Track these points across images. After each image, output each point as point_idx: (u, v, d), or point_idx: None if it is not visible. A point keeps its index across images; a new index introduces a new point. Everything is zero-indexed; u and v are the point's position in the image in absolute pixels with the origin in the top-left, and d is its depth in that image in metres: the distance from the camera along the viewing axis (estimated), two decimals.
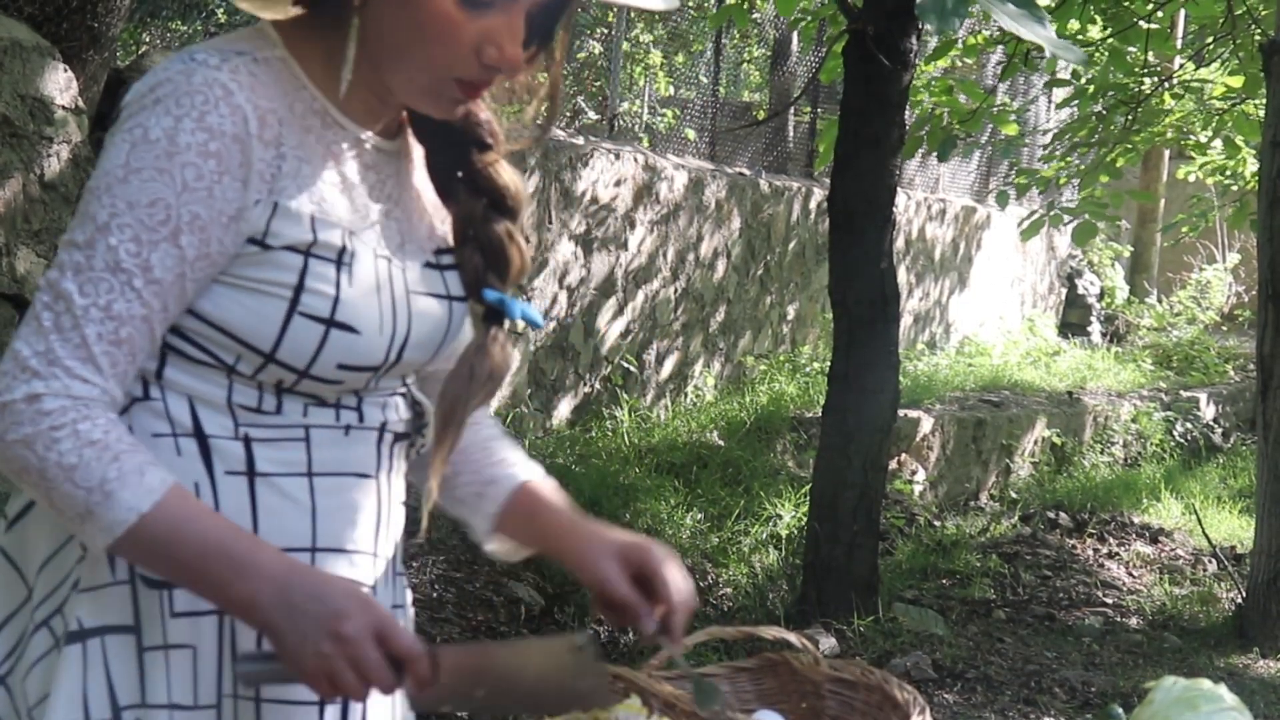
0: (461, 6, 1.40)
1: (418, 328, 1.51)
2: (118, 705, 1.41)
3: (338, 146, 1.47)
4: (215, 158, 1.37)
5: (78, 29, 4.67)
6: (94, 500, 1.33)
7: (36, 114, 4.56)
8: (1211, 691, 1.72)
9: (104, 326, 1.35)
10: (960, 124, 7.10)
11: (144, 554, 1.37)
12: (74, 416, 1.34)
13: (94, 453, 1.34)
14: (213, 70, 1.38)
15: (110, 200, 1.36)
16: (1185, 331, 13.08)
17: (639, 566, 1.57)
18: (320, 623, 1.35)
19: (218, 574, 1.36)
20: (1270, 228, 5.98)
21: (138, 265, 1.36)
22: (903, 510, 7.57)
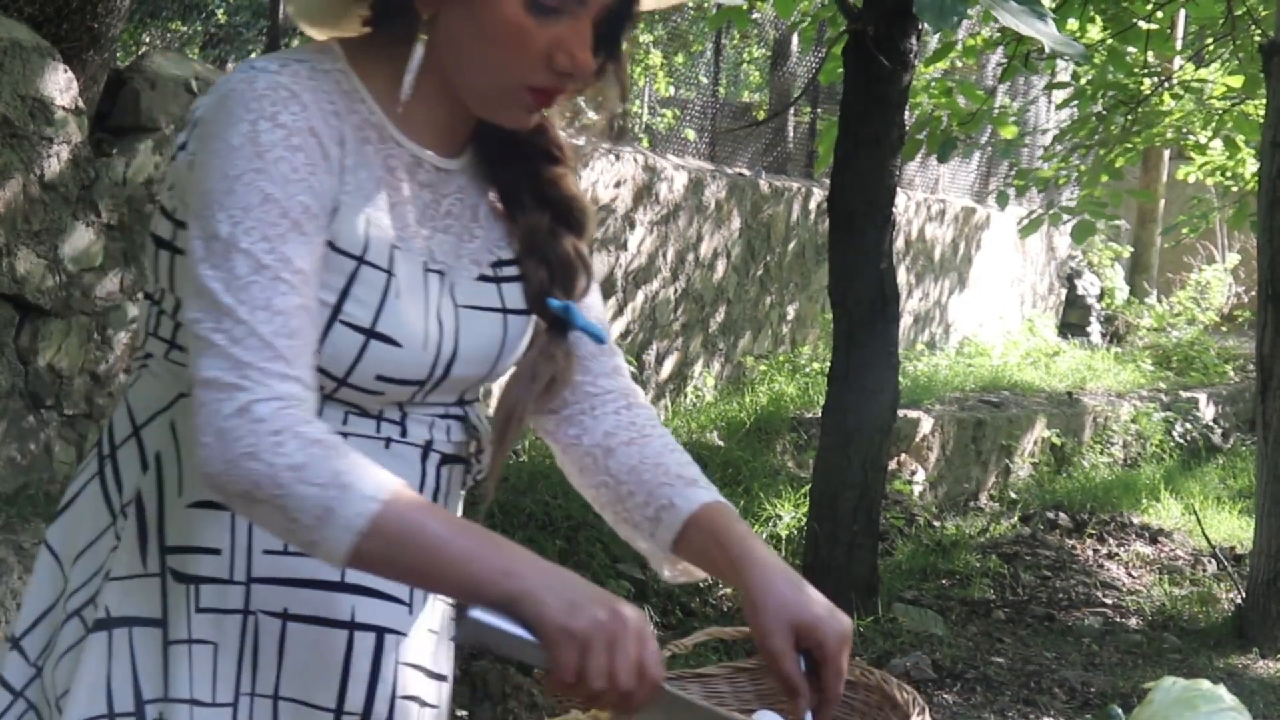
0: (530, 14, 1.40)
1: (467, 343, 1.49)
2: (141, 698, 1.41)
3: (393, 162, 1.47)
4: (301, 151, 1.37)
5: (78, 29, 4.67)
6: (331, 495, 1.29)
7: (37, 114, 4.56)
8: (1211, 692, 1.72)
9: (274, 324, 1.33)
10: (960, 126, 7.11)
11: (385, 545, 1.31)
12: (289, 420, 1.31)
13: (320, 450, 1.30)
14: (274, 75, 1.39)
15: (225, 214, 1.34)
16: (1185, 332, 13.09)
17: (814, 647, 1.49)
18: (598, 597, 1.32)
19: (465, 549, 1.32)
20: (1270, 228, 5.98)
21: (277, 260, 1.34)
22: (902, 510, 7.57)
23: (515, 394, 1.52)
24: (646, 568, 6.23)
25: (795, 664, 1.47)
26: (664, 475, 1.59)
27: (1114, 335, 13.48)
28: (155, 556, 1.43)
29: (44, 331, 4.71)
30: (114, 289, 4.95)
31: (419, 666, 1.53)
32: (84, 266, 4.81)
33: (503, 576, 1.31)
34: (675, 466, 1.60)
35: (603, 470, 1.62)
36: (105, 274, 4.90)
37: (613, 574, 5.64)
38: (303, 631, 1.45)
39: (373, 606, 1.47)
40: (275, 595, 1.44)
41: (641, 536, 1.60)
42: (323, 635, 1.46)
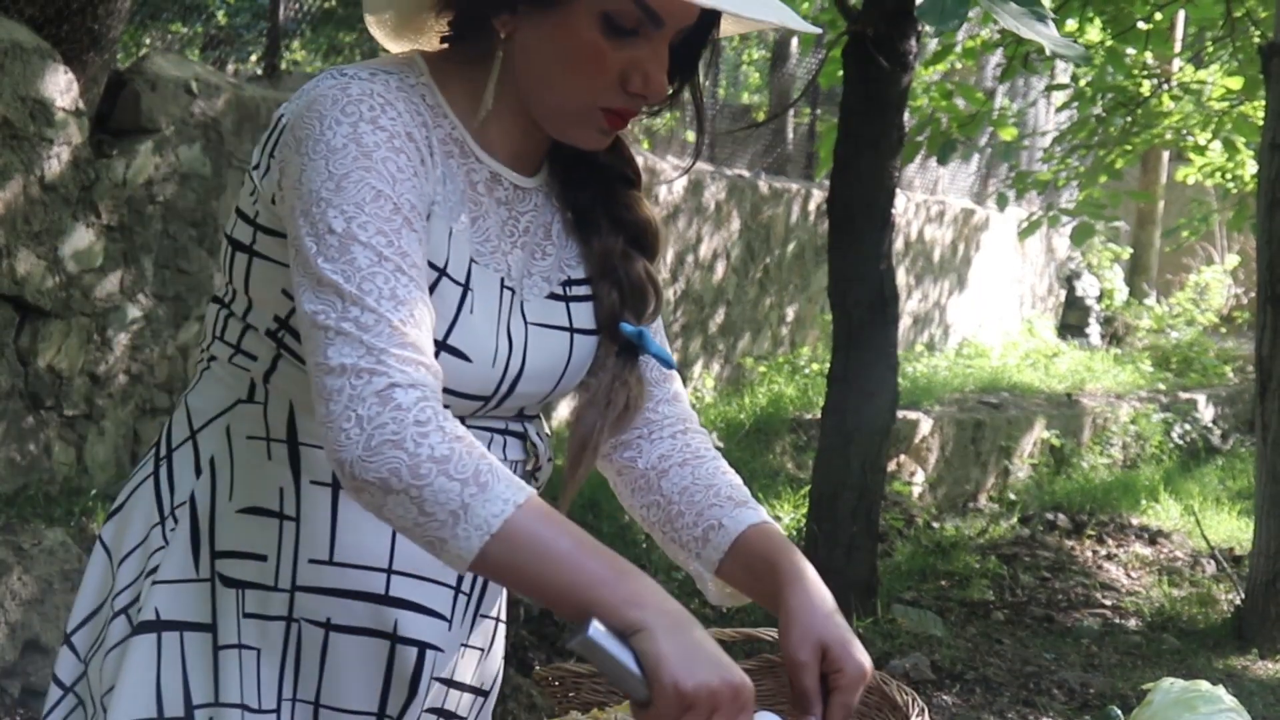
0: (607, 36, 1.40)
1: (534, 360, 1.49)
2: (191, 702, 1.41)
3: (475, 177, 1.47)
4: (403, 153, 1.37)
5: (78, 31, 4.68)
6: (469, 492, 1.26)
7: (37, 116, 4.56)
8: (1210, 693, 1.70)
9: (401, 312, 1.30)
10: (959, 128, 7.11)
11: (511, 551, 1.27)
12: (433, 411, 1.28)
13: (463, 446, 1.28)
14: (366, 82, 1.39)
15: (338, 211, 1.32)
16: (1184, 333, 13.09)
17: (835, 670, 1.49)
18: (718, 664, 1.28)
19: (595, 569, 1.28)
20: (1269, 230, 5.98)
21: (395, 253, 1.32)
22: (901, 512, 7.58)
23: (590, 420, 1.52)
24: (646, 568, 6.25)
25: (815, 680, 1.48)
26: (714, 496, 1.59)
27: (1113, 336, 13.48)
28: (206, 561, 1.43)
29: (44, 332, 4.71)
30: (114, 290, 4.95)
31: (459, 683, 1.54)
32: (84, 267, 4.81)
33: (627, 606, 1.28)
34: (726, 489, 1.60)
35: (655, 491, 1.62)
36: (105, 275, 4.90)
37: None
38: (345, 642, 1.45)
39: (416, 621, 1.47)
40: (319, 604, 1.44)
41: (690, 557, 1.60)
42: (365, 646, 1.46)
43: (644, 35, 1.41)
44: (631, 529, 6.11)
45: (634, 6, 1.39)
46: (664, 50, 1.43)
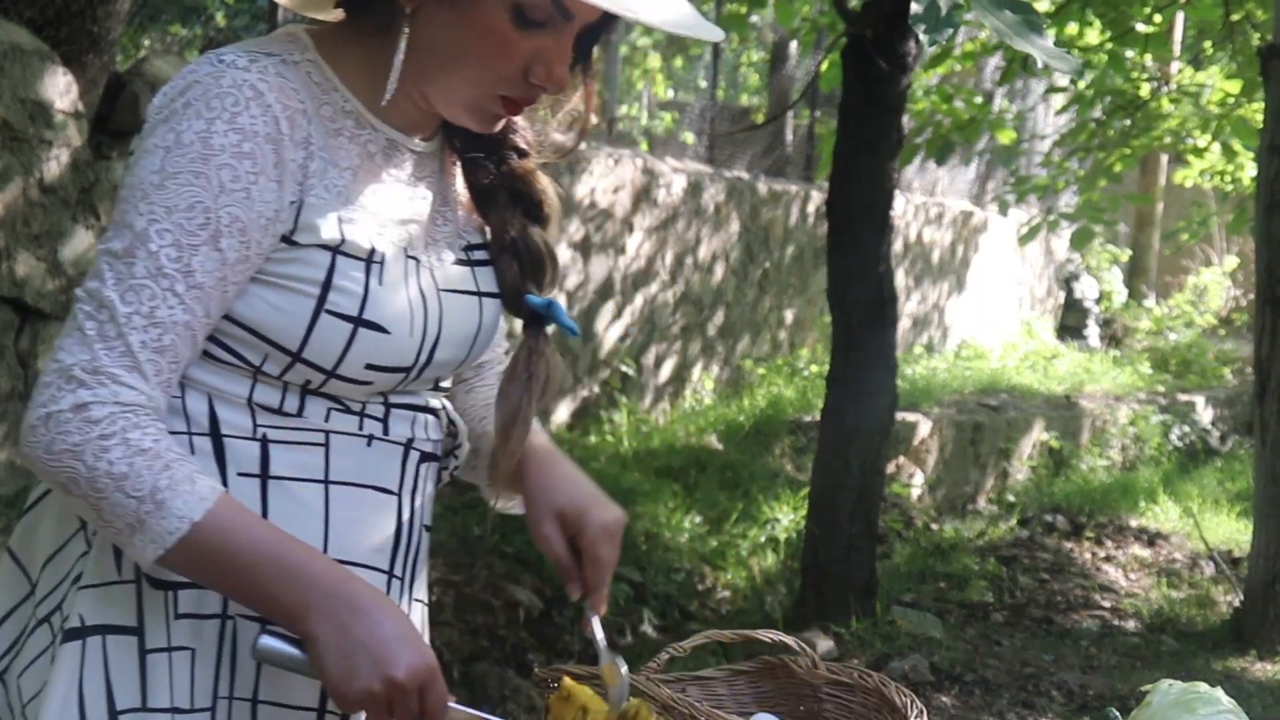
0: (516, 26, 1.42)
1: (449, 326, 1.50)
2: (115, 708, 1.40)
3: (372, 147, 1.48)
4: (250, 159, 1.37)
5: (78, 33, 4.68)
6: (145, 510, 1.32)
7: (36, 118, 4.57)
8: (1209, 694, 1.71)
9: (148, 334, 1.34)
10: (958, 131, 7.12)
11: (194, 563, 1.35)
12: (123, 425, 1.33)
13: (145, 461, 1.32)
14: (241, 72, 1.39)
15: (148, 207, 1.35)
16: (1183, 335, 13.10)
17: (578, 535, 1.58)
18: (376, 662, 1.35)
19: (268, 582, 1.36)
20: (1268, 232, 5.98)
21: (179, 270, 1.35)
22: (901, 513, 7.58)
23: (515, 394, 1.54)
24: (646, 569, 6.26)
25: (564, 549, 1.57)
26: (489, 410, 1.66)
27: (1112, 338, 13.48)
28: (130, 563, 1.41)
29: (44, 334, 4.71)
30: None
31: None
32: (84, 269, 4.80)
33: (298, 617, 1.36)
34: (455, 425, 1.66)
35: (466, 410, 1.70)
36: None
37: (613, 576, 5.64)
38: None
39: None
40: None
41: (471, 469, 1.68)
42: None
43: (552, 28, 1.43)
44: (631, 530, 6.12)
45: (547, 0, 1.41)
46: (569, 44, 1.45)
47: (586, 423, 7.55)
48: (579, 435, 7.38)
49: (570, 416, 7.55)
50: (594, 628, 1.58)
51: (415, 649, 1.37)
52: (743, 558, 6.37)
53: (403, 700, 1.36)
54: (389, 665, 1.35)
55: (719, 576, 6.18)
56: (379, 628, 1.36)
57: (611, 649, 1.57)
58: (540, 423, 1.65)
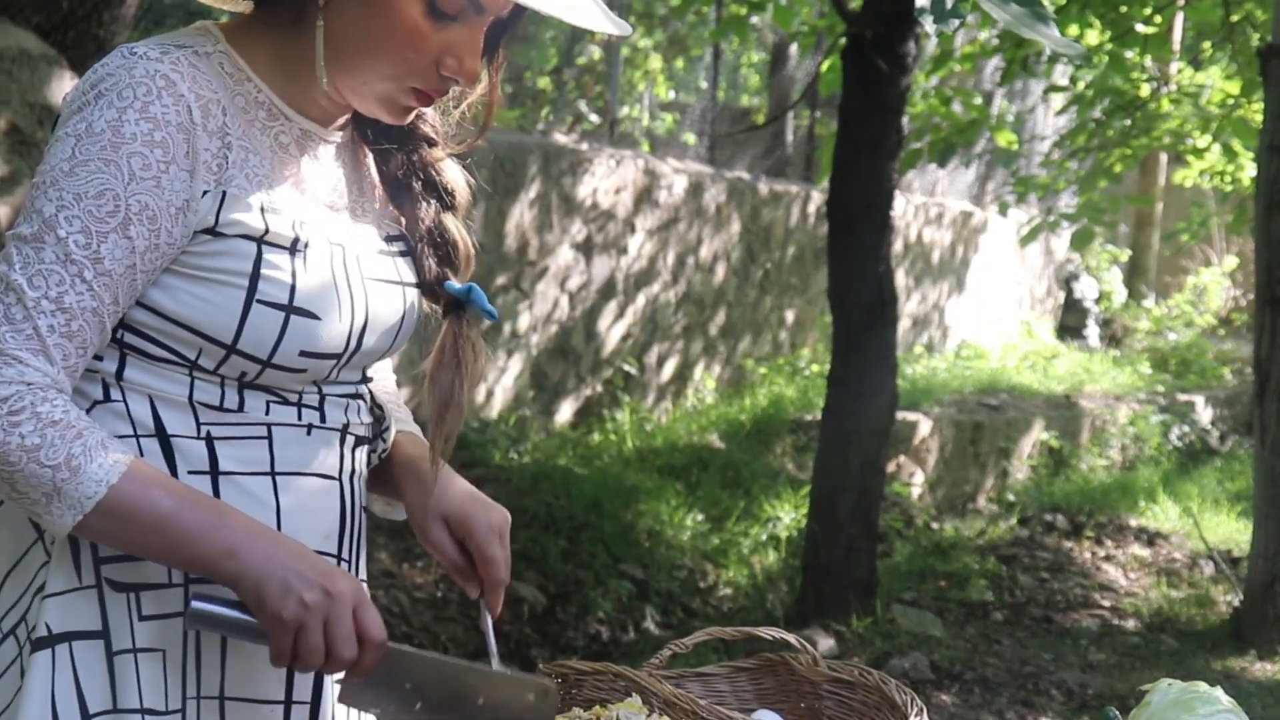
0: (429, 18, 1.43)
1: (375, 312, 1.52)
2: (87, 712, 1.40)
3: (284, 138, 1.49)
4: (161, 147, 1.38)
5: (84, 38, 4.69)
6: (61, 477, 1.33)
7: (44, 122, 4.58)
8: (1208, 694, 1.71)
9: (55, 319, 1.36)
10: (958, 134, 7.12)
11: (113, 524, 1.36)
12: (31, 400, 1.34)
13: (56, 432, 1.34)
14: (153, 62, 1.40)
15: (57, 194, 1.36)
16: (1182, 335, 13.08)
17: (466, 538, 1.60)
18: (309, 575, 1.37)
19: (191, 528, 1.37)
20: (1268, 232, 5.99)
21: (88, 257, 1.36)
22: (901, 512, 7.59)
23: (447, 380, 1.55)
24: (648, 567, 6.28)
25: (454, 551, 1.59)
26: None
27: (1111, 338, 13.47)
28: (90, 568, 1.42)
29: None
30: None
31: None
32: None
33: (224, 557, 1.37)
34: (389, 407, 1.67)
35: None
36: None
37: (614, 574, 5.66)
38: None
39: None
40: (212, 593, 1.44)
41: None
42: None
43: (463, 21, 1.44)
44: (634, 529, 6.13)
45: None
46: (480, 37, 1.47)
47: (589, 421, 7.57)
48: (582, 434, 7.40)
49: (573, 415, 7.56)
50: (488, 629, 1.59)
51: (346, 574, 1.40)
52: (744, 556, 6.39)
53: (340, 613, 1.37)
54: (324, 578, 1.38)
55: (720, 574, 6.20)
56: (305, 555, 1.39)
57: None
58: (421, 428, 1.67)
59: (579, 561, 5.58)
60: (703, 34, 10.90)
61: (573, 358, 7.54)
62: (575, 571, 5.51)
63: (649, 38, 10.70)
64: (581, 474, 6.50)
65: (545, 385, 7.37)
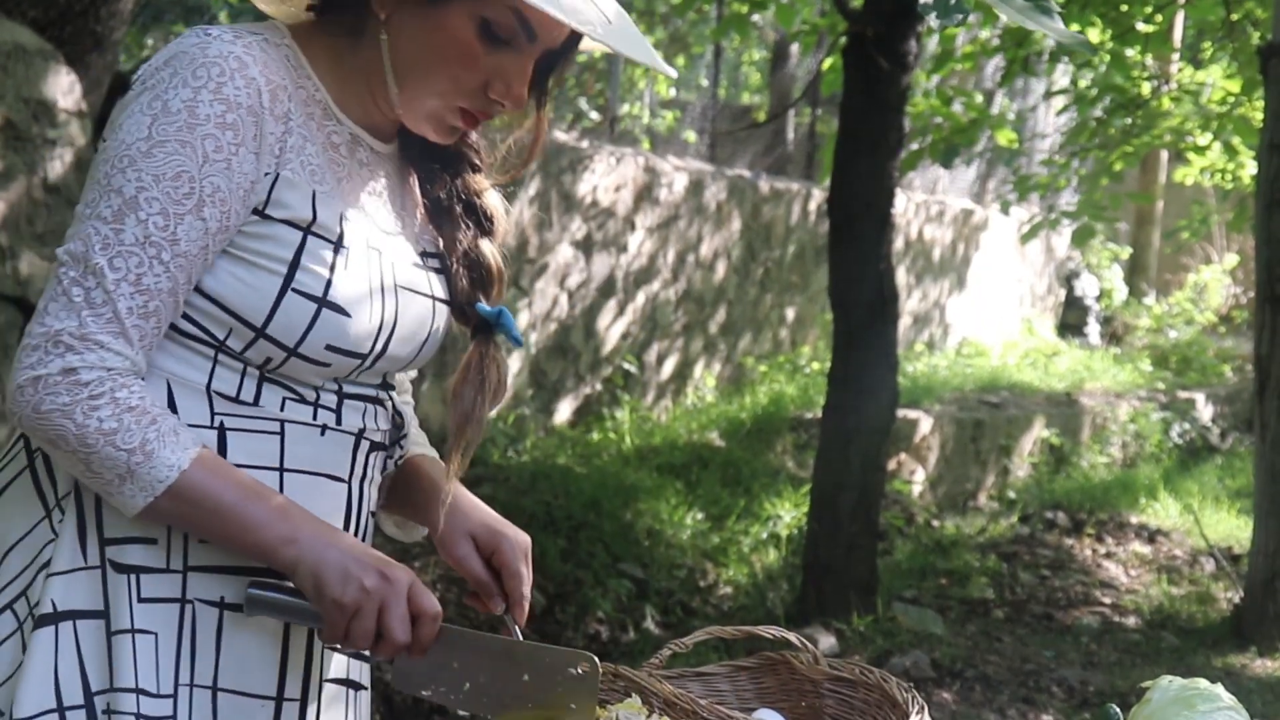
0: (482, 40, 1.47)
1: (404, 320, 1.54)
2: (90, 690, 1.43)
3: (336, 138, 1.52)
4: (232, 129, 1.41)
5: (81, 33, 4.69)
6: (135, 460, 1.38)
7: (40, 117, 4.58)
8: (1209, 691, 1.71)
9: (135, 300, 1.39)
10: (959, 135, 7.11)
11: (180, 508, 1.41)
12: (110, 386, 1.38)
13: (133, 417, 1.38)
14: (227, 44, 1.43)
15: (136, 174, 1.39)
16: (1183, 332, 13.08)
17: (491, 553, 1.64)
18: (368, 563, 1.43)
19: (257, 515, 1.42)
20: (1268, 230, 5.98)
21: (166, 239, 1.39)
22: (902, 510, 7.59)
23: (470, 396, 1.59)
24: (648, 566, 6.26)
25: (481, 567, 1.64)
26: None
27: (1112, 336, 13.47)
28: (95, 549, 1.45)
29: None
30: None
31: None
32: None
33: (283, 544, 1.42)
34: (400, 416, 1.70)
35: None
36: None
37: (614, 573, 5.66)
38: (239, 620, 1.49)
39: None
40: (212, 584, 1.48)
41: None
42: (260, 624, 1.50)
43: (516, 47, 1.48)
44: (633, 528, 6.12)
45: (513, 18, 1.46)
46: (529, 65, 1.50)
47: (589, 420, 7.56)
48: (581, 432, 7.39)
49: (573, 414, 7.56)
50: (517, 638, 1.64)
51: (399, 564, 1.45)
52: (744, 554, 6.38)
53: (396, 596, 1.42)
54: (381, 564, 1.43)
55: (721, 573, 6.19)
56: (361, 545, 1.47)
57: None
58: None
59: (578, 561, 5.57)
60: (704, 32, 10.89)
61: (572, 356, 7.53)
62: (574, 571, 5.51)
63: (650, 35, 10.69)
64: (581, 473, 6.50)
65: (544, 384, 7.36)
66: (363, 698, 1.63)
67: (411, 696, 4.60)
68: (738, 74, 13.34)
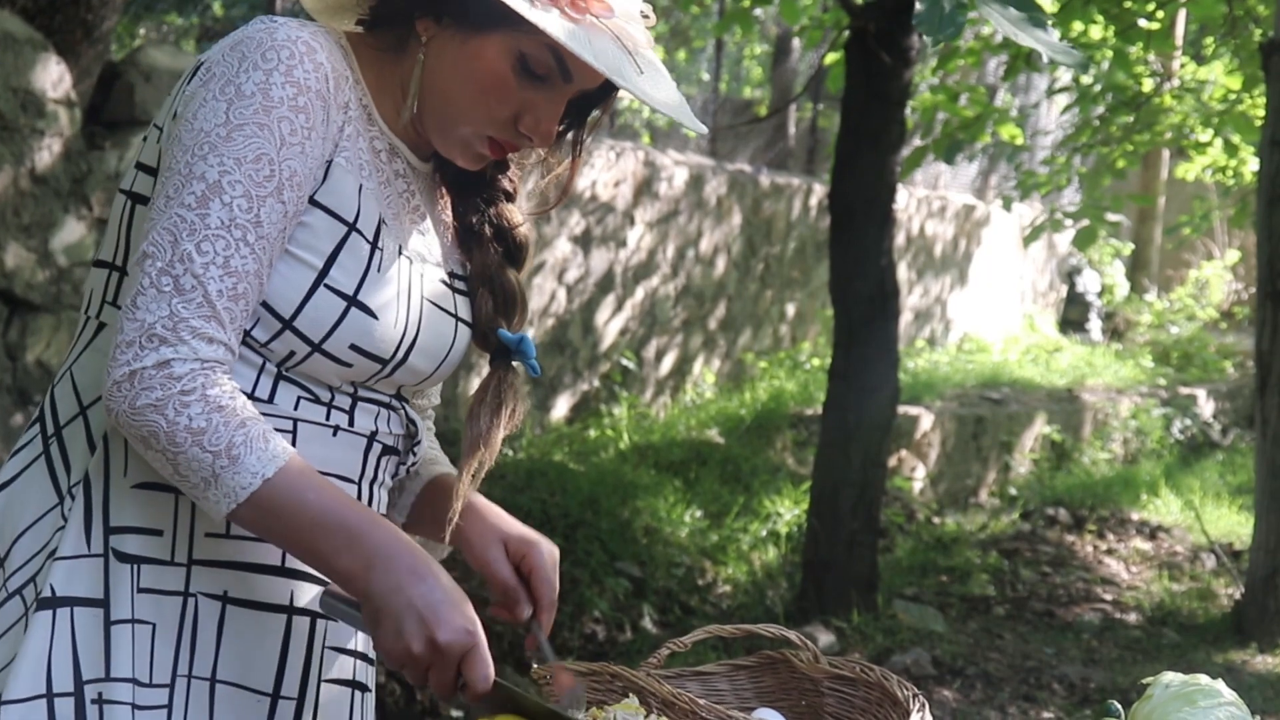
0: (516, 73, 1.48)
1: (426, 333, 1.55)
2: (81, 678, 1.43)
3: (378, 144, 1.54)
4: (304, 113, 1.42)
5: (71, 22, 4.66)
6: (220, 464, 1.36)
7: (28, 107, 4.55)
8: (1210, 687, 1.71)
9: (224, 283, 1.39)
10: (963, 129, 7.10)
11: (263, 517, 1.40)
12: (203, 381, 1.37)
13: (222, 418, 1.37)
14: (295, 29, 1.44)
15: (218, 159, 1.39)
16: (1184, 328, 13.10)
17: (521, 559, 1.66)
18: (423, 625, 1.40)
19: (331, 541, 1.40)
20: (1269, 226, 5.99)
21: (250, 221, 1.40)
22: (902, 507, 7.58)
23: (486, 418, 1.60)
24: (646, 564, 6.24)
25: (509, 571, 1.66)
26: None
27: (1114, 332, 13.49)
28: (99, 537, 1.45)
29: (33, 326, 4.69)
30: None
31: (352, 651, 1.58)
32: (75, 260, 4.79)
33: (355, 578, 1.41)
34: (426, 452, 1.73)
35: None
36: None
37: (611, 572, 5.64)
38: (241, 615, 1.49)
39: (310, 591, 1.52)
40: (216, 578, 1.48)
41: (392, 508, 1.72)
42: (261, 620, 1.50)
43: (550, 84, 1.50)
44: (631, 526, 6.11)
45: (550, 56, 1.47)
46: (561, 104, 1.52)
47: (586, 417, 7.54)
48: (579, 429, 7.37)
49: (570, 410, 7.53)
50: (543, 642, 1.67)
51: (464, 616, 1.42)
52: (744, 552, 6.36)
53: (442, 664, 1.40)
54: (434, 628, 1.40)
55: (720, 571, 6.17)
56: (431, 593, 1.41)
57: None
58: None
59: (575, 560, 5.55)
60: (705, 26, 10.88)
61: (570, 352, 7.51)
62: (571, 570, 5.48)
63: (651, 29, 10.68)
64: (578, 470, 6.48)
65: (541, 380, 7.34)
66: (368, 700, 1.63)
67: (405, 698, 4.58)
68: (739, 68, 13.34)
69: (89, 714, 1.43)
